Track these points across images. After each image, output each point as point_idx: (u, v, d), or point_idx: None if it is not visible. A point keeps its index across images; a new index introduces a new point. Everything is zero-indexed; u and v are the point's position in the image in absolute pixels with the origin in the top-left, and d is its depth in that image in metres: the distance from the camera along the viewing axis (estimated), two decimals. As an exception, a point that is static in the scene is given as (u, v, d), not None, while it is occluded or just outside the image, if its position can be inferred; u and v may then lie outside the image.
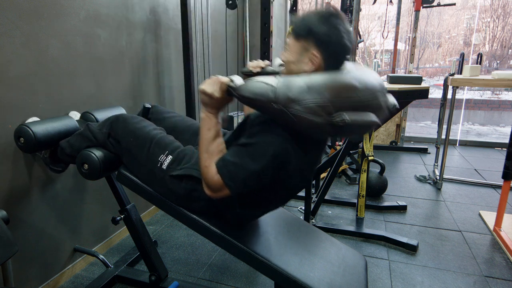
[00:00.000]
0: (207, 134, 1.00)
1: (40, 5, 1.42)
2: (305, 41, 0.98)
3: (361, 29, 5.72)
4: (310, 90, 0.87)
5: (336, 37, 0.96)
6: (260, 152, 0.94)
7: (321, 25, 0.96)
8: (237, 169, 0.94)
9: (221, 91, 0.98)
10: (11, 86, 1.32)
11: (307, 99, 0.87)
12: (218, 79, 0.99)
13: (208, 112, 1.01)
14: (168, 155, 1.15)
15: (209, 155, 0.98)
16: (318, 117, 0.87)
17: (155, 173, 1.15)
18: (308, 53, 0.98)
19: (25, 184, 1.44)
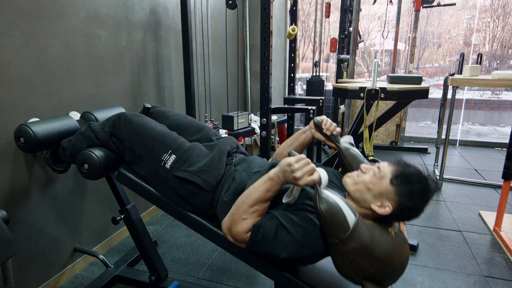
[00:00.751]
0: (263, 194, 0.94)
1: (40, 5, 1.42)
2: (395, 193, 0.95)
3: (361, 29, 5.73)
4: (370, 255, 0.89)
5: (415, 213, 0.98)
6: (294, 247, 0.93)
7: (417, 200, 0.96)
8: (265, 243, 0.94)
9: (306, 184, 0.91)
10: (11, 86, 1.32)
11: (363, 259, 0.89)
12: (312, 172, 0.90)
13: (280, 180, 0.93)
14: (171, 154, 1.15)
15: (252, 213, 0.95)
16: (356, 274, 0.91)
17: (158, 172, 1.15)
18: (386, 200, 0.96)
19: (25, 184, 1.44)
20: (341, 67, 3.55)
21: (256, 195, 0.94)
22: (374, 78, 1.81)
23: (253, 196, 0.95)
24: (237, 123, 2.39)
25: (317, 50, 3.78)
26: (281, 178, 0.93)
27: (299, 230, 0.93)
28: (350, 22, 3.24)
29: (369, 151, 1.94)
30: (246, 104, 3.72)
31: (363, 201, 0.99)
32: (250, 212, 0.94)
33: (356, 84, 1.95)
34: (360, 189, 0.99)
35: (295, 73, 2.98)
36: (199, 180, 1.10)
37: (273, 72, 2.43)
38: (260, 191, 0.94)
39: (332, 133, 1.19)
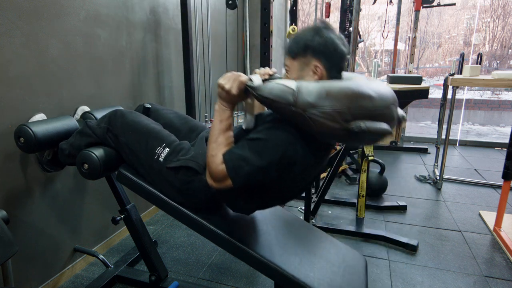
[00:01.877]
0: (218, 126, 1.02)
1: (40, 5, 1.42)
2: (303, 57, 1.02)
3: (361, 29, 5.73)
4: (329, 97, 0.89)
5: (332, 45, 1.00)
6: (268, 149, 0.95)
7: (315, 38, 1.00)
8: (243, 162, 0.94)
9: (238, 89, 1.00)
10: (11, 86, 1.32)
11: (325, 105, 0.89)
12: (238, 77, 1.01)
13: (222, 105, 1.03)
14: (165, 147, 1.16)
15: (217, 146, 1.00)
16: (335, 123, 0.89)
17: (152, 166, 1.16)
18: (309, 67, 1.02)
19: (25, 184, 1.44)
20: (341, 67, 3.55)
21: (214, 131, 1.02)
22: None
23: (213, 133, 1.02)
24: (237, 123, 2.39)
25: (317, 50, 3.78)
26: (221, 102, 1.03)
27: (264, 132, 0.98)
28: (350, 22, 3.24)
29: (369, 151, 1.94)
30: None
31: None
32: (216, 146, 1.00)
33: (356, 84, 1.94)
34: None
35: (295, 73, 2.97)
36: (191, 163, 1.11)
37: (273, 72, 2.43)
38: (216, 125, 1.02)
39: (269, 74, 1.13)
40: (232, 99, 1.02)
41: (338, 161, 2.16)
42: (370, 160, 1.97)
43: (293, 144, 0.96)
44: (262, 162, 0.94)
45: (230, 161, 0.96)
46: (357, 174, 3.04)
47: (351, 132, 0.89)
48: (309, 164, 1.03)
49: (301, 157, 0.97)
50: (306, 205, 2.05)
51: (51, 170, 1.48)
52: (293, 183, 1.07)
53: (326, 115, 0.89)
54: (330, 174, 2.16)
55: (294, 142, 0.96)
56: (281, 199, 1.18)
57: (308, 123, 0.91)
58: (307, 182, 1.13)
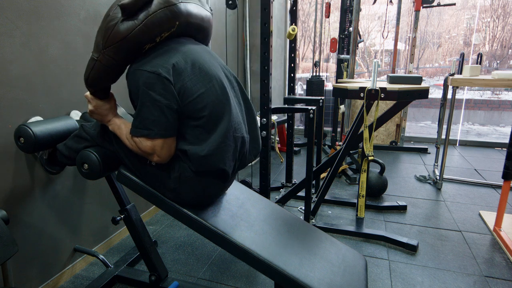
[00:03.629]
0: (121, 133, 1.14)
1: (40, 5, 1.42)
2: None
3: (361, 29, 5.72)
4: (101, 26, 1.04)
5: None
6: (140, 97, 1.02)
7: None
8: (142, 122, 1.03)
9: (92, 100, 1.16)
10: (11, 86, 1.32)
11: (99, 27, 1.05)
12: (85, 95, 1.18)
13: (108, 122, 1.17)
14: None
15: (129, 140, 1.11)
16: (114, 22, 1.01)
17: (146, 169, 1.17)
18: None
19: (25, 184, 1.44)
20: (341, 67, 3.55)
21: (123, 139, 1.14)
22: (374, 78, 1.81)
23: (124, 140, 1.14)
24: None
25: (317, 50, 3.78)
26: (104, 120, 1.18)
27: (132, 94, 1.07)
28: (350, 22, 3.24)
29: (369, 151, 1.95)
30: (246, 104, 3.72)
31: None
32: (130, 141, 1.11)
33: (356, 84, 1.95)
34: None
35: (295, 73, 2.97)
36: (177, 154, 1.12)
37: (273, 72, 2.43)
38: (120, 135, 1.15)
39: None
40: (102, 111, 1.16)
41: (338, 161, 2.16)
42: (370, 160, 1.97)
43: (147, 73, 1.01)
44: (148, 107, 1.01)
45: (137, 130, 1.04)
46: (357, 174, 3.04)
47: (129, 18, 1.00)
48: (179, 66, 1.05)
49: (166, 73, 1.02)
50: (306, 205, 2.05)
51: (54, 171, 1.48)
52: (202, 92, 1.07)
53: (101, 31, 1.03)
54: (330, 174, 2.16)
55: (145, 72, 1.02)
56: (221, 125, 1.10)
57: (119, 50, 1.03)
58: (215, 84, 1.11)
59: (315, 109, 1.91)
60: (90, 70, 1.08)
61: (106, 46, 1.02)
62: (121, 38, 1.00)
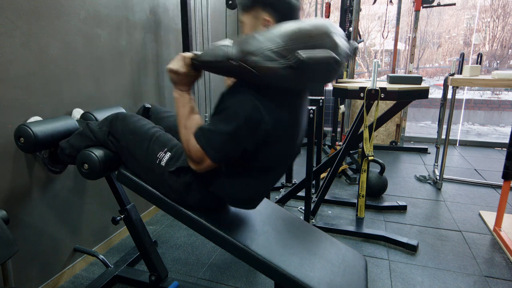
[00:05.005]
0: (182, 111, 1.04)
1: (40, 5, 1.42)
2: (253, 10, 1.03)
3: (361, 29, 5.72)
4: (263, 40, 0.91)
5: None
6: (231, 114, 0.96)
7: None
8: (213, 135, 0.97)
9: (186, 66, 1.01)
10: (11, 86, 1.32)
11: (260, 49, 0.90)
12: (182, 55, 1.02)
13: (179, 90, 1.05)
14: (167, 152, 1.16)
15: (188, 130, 1.02)
16: (274, 62, 0.89)
17: (153, 170, 1.16)
18: (260, 20, 1.02)
19: (25, 184, 1.44)
20: (341, 67, 3.54)
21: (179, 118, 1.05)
22: (374, 78, 1.81)
23: (179, 120, 1.05)
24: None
25: (317, 50, 3.77)
26: (176, 87, 1.05)
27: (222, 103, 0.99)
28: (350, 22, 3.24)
29: (369, 151, 1.95)
30: (246, 104, 3.72)
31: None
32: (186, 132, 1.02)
33: (356, 84, 1.95)
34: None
35: (295, 73, 2.98)
36: None
37: (273, 72, 2.43)
38: (179, 112, 1.05)
39: None
40: (184, 79, 1.03)
41: (338, 161, 2.16)
42: (370, 160, 1.97)
43: (254, 104, 0.95)
44: (229, 127, 0.95)
45: (202, 137, 0.98)
46: (357, 174, 3.04)
47: (293, 67, 0.89)
48: (281, 121, 1.01)
49: (267, 114, 0.97)
50: (306, 205, 2.05)
51: (57, 170, 1.47)
52: (279, 148, 1.06)
53: (263, 57, 0.89)
54: (330, 174, 2.16)
55: (255, 101, 0.95)
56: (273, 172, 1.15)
57: (252, 73, 0.92)
58: (294, 146, 1.11)
59: (315, 109, 1.91)
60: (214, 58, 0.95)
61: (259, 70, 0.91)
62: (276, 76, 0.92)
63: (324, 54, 0.91)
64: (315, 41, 0.91)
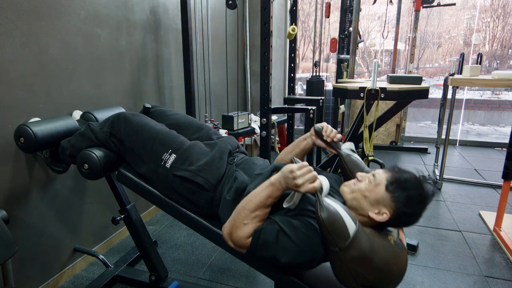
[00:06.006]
0: (264, 200, 0.95)
1: (40, 5, 1.42)
2: (390, 199, 0.96)
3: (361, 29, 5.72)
4: (370, 264, 0.89)
5: (413, 218, 0.97)
6: (293, 252, 0.93)
7: (413, 206, 0.95)
8: (266, 248, 0.94)
9: (306, 192, 0.92)
10: (11, 86, 1.32)
11: (362, 267, 0.89)
12: (314, 180, 0.91)
13: (281, 186, 0.94)
14: (171, 153, 1.15)
15: (253, 218, 0.95)
16: (355, 281, 0.91)
17: (158, 171, 1.15)
18: (379, 206, 0.97)
19: (25, 184, 1.44)
20: (341, 67, 3.55)
21: (257, 200, 0.95)
22: (374, 78, 1.81)
23: (254, 201, 0.95)
24: (237, 123, 2.39)
25: (317, 50, 3.78)
26: (282, 184, 0.93)
27: (299, 235, 0.93)
28: (350, 22, 3.24)
29: (369, 151, 1.94)
30: (246, 104, 3.72)
31: (361, 209, 0.99)
32: (251, 217, 0.95)
33: (356, 84, 1.95)
34: (357, 197, 1.00)
35: (295, 73, 2.97)
36: (200, 179, 1.11)
37: (273, 72, 2.43)
38: (262, 196, 0.95)
39: (333, 139, 1.19)
40: (294, 190, 0.95)
41: (338, 163, 2.15)
42: (370, 160, 1.96)
43: (317, 257, 0.95)
44: (282, 259, 0.93)
45: (257, 240, 0.94)
46: (357, 174, 3.03)
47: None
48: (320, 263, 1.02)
49: (317, 264, 0.98)
50: (306, 205, 2.04)
51: (60, 169, 1.46)
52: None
53: (356, 273, 0.90)
54: (330, 174, 2.16)
55: (319, 256, 0.95)
56: None
57: (337, 263, 0.92)
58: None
59: (315, 109, 1.91)
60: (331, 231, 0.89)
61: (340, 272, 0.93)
62: None
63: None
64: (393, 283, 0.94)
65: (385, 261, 0.91)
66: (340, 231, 0.88)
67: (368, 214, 0.97)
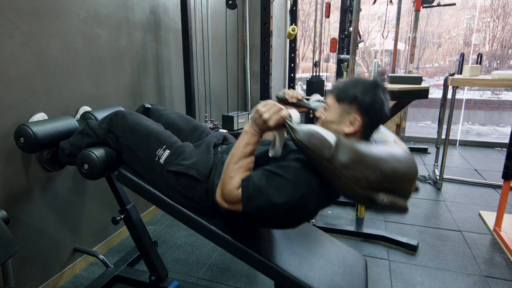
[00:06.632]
0: (243, 149, 0.98)
1: (40, 5, 1.42)
2: (348, 105, 1.00)
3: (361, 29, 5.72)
4: (363, 163, 0.88)
5: (379, 107, 1.00)
6: (288, 189, 0.93)
7: (367, 95, 0.99)
8: (260, 194, 0.93)
9: (277, 123, 0.96)
10: (11, 86, 1.32)
11: (358, 170, 0.87)
12: (279, 111, 0.96)
13: (254, 130, 0.98)
14: (165, 149, 1.16)
15: (238, 168, 0.97)
16: (361, 188, 0.88)
17: (153, 167, 1.16)
18: (349, 116, 1.00)
19: (25, 184, 1.44)
20: (341, 67, 3.55)
21: (237, 152, 0.98)
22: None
23: (235, 154, 0.98)
24: (237, 123, 2.39)
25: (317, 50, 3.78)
26: (254, 127, 0.98)
27: (290, 170, 0.94)
28: (350, 22, 3.24)
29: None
30: (246, 104, 3.72)
31: (337, 131, 1.01)
32: (235, 169, 0.97)
33: (356, 84, 1.94)
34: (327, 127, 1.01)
35: (295, 73, 2.98)
36: (193, 172, 1.11)
37: (273, 72, 2.43)
38: (240, 146, 0.99)
39: (298, 98, 1.20)
40: (266, 128, 0.98)
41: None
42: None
43: (313, 191, 0.95)
44: (277, 199, 0.92)
45: (247, 189, 0.94)
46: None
47: (371, 199, 0.89)
48: (321, 208, 1.04)
49: (316, 203, 0.98)
50: (306, 205, 2.04)
51: (52, 170, 1.48)
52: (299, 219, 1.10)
53: (355, 179, 0.87)
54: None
55: (315, 189, 0.94)
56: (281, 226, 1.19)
57: (335, 179, 0.90)
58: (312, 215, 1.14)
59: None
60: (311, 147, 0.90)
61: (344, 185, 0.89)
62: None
63: (402, 204, 0.92)
64: (402, 188, 0.92)
65: (380, 158, 0.90)
66: (320, 142, 0.89)
67: (344, 131, 1.00)
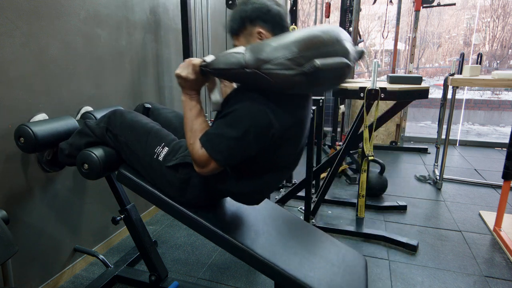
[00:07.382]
0: (189, 114, 1.05)
1: (40, 5, 1.42)
2: (244, 29, 1.06)
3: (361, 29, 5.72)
4: (278, 48, 0.91)
5: (264, 7, 1.04)
6: (238, 118, 0.96)
7: (245, 7, 1.05)
8: (219, 139, 0.97)
9: (194, 73, 1.02)
10: (11, 86, 1.32)
11: (277, 57, 0.90)
12: (191, 61, 1.02)
13: (187, 93, 1.06)
14: (164, 146, 1.17)
15: (193, 133, 1.03)
16: (290, 70, 0.91)
17: (152, 165, 1.16)
18: (254, 36, 1.05)
19: (25, 184, 1.44)
20: (341, 67, 3.54)
21: (187, 121, 1.05)
22: (374, 78, 1.81)
23: (186, 122, 1.05)
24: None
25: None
26: (184, 91, 1.05)
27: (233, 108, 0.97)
28: (350, 22, 3.24)
29: (369, 151, 1.94)
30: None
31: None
32: (192, 135, 1.02)
33: (356, 84, 1.95)
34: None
35: (295, 73, 2.97)
36: (188, 159, 1.11)
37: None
38: (187, 115, 1.05)
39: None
40: (193, 85, 1.04)
41: (338, 161, 2.16)
42: (370, 160, 1.97)
43: (262, 109, 0.96)
44: (236, 132, 0.95)
45: (208, 142, 0.98)
46: (357, 174, 3.04)
47: (307, 74, 0.91)
48: (288, 125, 1.02)
49: (275, 119, 0.98)
50: (306, 205, 2.05)
51: (51, 170, 1.48)
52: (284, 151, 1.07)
53: (279, 65, 0.90)
54: (330, 174, 2.16)
55: (262, 106, 0.96)
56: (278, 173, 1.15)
57: (266, 80, 0.92)
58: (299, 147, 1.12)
59: (315, 109, 1.91)
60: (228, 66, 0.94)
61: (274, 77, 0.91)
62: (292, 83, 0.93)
63: (338, 61, 0.94)
64: (328, 48, 0.93)
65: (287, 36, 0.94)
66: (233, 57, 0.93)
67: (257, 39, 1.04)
